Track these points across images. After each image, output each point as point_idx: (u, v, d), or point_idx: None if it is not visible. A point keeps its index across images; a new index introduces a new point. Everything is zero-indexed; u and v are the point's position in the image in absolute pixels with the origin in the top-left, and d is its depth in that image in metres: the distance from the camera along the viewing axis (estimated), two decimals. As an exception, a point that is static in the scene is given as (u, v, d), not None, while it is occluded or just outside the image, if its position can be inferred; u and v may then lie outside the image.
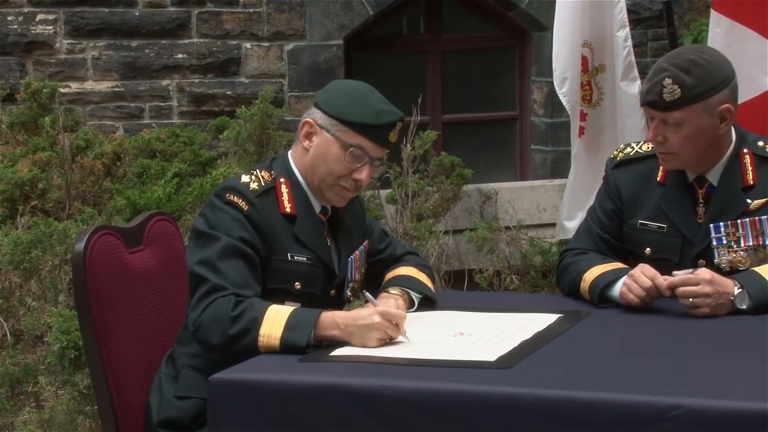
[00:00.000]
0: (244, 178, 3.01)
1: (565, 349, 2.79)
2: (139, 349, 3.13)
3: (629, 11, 5.68)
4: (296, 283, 2.98)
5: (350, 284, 3.13)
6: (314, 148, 3.02)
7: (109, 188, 5.58)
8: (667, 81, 3.12)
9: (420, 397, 2.54)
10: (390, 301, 3.02)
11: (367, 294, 2.96)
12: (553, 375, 2.60)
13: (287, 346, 2.77)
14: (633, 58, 5.14)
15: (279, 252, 2.97)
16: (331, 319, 2.80)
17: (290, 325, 2.78)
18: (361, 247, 3.18)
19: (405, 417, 2.54)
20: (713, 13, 4.79)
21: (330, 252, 3.07)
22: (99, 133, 6.21)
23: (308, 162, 3.03)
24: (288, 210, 3.00)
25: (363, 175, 2.99)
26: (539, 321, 2.97)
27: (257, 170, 3.04)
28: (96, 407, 3.13)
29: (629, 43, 5.12)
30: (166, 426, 3.03)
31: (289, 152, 3.09)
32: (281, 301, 2.91)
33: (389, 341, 2.80)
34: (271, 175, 3.03)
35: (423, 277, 3.21)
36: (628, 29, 5.13)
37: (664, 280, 3.05)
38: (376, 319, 2.76)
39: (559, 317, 3.02)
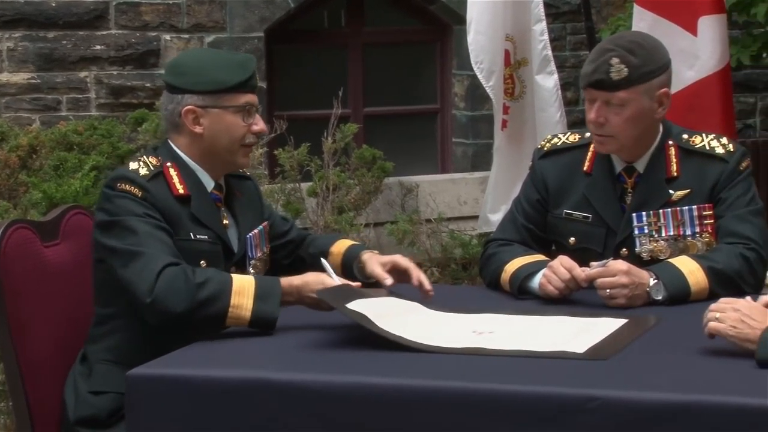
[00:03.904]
0: (132, 165, 3.02)
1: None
2: (55, 345, 3.08)
3: (548, 5, 5.72)
4: (201, 262, 2.98)
5: (251, 262, 3.13)
6: (208, 129, 3.04)
7: (25, 181, 5.49)
8: (615, 60, 3.16)
9: (350, 392, 2.52)
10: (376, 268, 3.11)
11: (325, 262, 3.01)
12: (480, 367, 2.61)
13: (258, 318, 2.83)
14: (549, 52, 5.17)
15: (180, 233, 2.98)
16: (288, 285, 2.89)
17: (258, 294, 2.85)
18: (260, 226, 3.19)
19: (332, 413, 2.52)
20: (636, 8, 4.83)
21: (227, 230, 3.09)
22: (14, 125, 6.11)
23: (206, 144, 3.05)
24: (181, 191, 3.01)
25: (260, 124, 3.08)
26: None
27: (143, 157, 3.05)
28: (11, 404, 3.07)
29: (545, 37, 5.15)
30: (84, 424, 2.99)
31: (170, 141, 3.10)
32: None
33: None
34: (158, 160, 3.04)
35: None
36: (544, 23, 5.16)
37: (582, 272, 3.08)
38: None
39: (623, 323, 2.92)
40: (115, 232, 2.94)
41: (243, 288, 2.86)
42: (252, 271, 3.13)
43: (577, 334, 2.78)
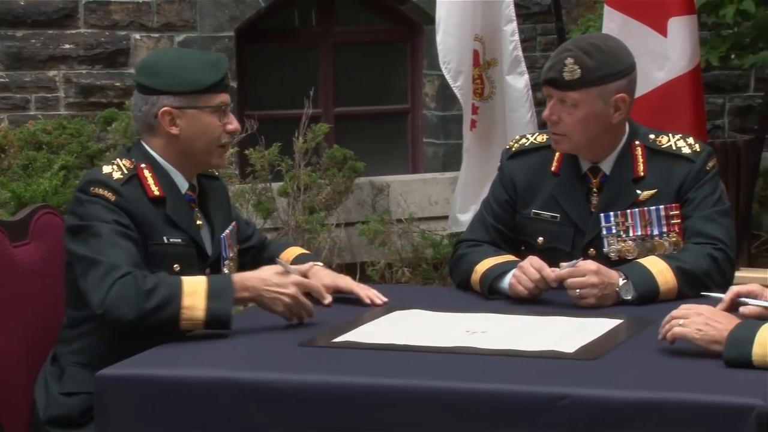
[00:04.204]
0: (106, 169, 3.00)
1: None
2: (26, 345, 3.06)
3: (518, 6, 5.73)
4: (174, 266, 2.98)
5: (226, 262, 3.13)
6: (185, 130, 3.03)
7: (-7, 181, 5.46)
8: (569, 60, 3.17)
9: (316, 391, 2.53)
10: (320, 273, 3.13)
11: (280, 260, 3.00)
12: (462, 366, 2.61)
13: (213, 317, 2.81)
14: (520, 53, 5.18)
15: (154, 236, 2.98)
16: (241, 282, 2.88)
17: (211, 294, 2.83)
18: (231, 226, 3.19)
19: (302, 412, 2.52)
20: (607, 9, 4.85)
21: (200, 232, 3.08)
22: (-17, 124, 6.07)
23: (182, 145, 3.03)
24: (156, 193, 3.01)
25: (234, 123, 3.07)
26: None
27: (117, 160, 3.04)
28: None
29: (516, 37, 5.16)
30: (55, 423, 2.98)
31: (143, 143, 3.08)
32: None
33: (296, 321, 2.89)
34: (132, 162, 3.03)
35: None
36: (515, 24, 5.18)
37: (551, 272, 3.09)
38: (291, 290, 2.86)
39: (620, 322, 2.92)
40: (82, 237, 2.93)
41: (194, 289, 2.85)
42: (226, 271, 3.12)
43: (571, 334, 2.80)
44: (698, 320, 2.62)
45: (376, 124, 7.46)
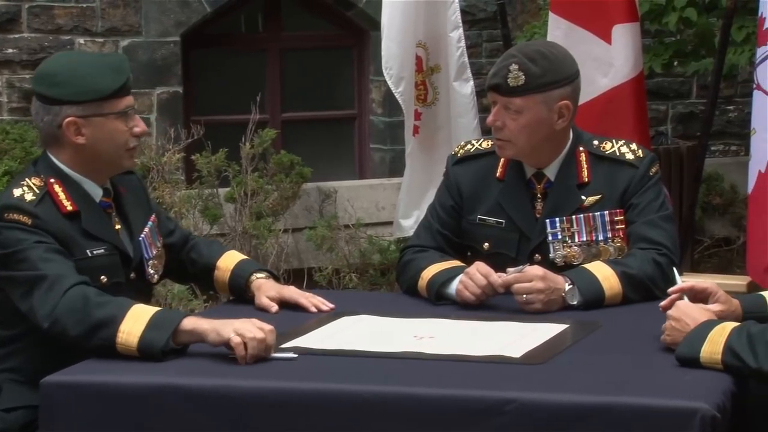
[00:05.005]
0: (16, 192, 2.93)
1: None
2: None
3: (464, 12, 5.76)
4: (102, 277, 2.94)
5: (149, 262, 3.09)
6: (90, 138, 2.97)
7: (-65, 187, 5.39)
8: (514, 67, 3.19)
9: (262, 397, 2.53)
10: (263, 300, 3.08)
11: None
12: (409, 371, 2.62)
13: (145, 346, 2.71)
14: (466, 59, 5.21)
15: (76, 252, 2.93)
16: (194, 322, 2.75)
17: (152, 324, 2.73)
18: (150, 222, 3.14)
19: (247, 418, 2.52)
20: (551, 16, 4.88)
21: (120, 236, 3.04)
22: (-76, 129, 5.99)
23: (89, 154, 2.98)
24: (69, 208, 2.95)
25: (141, 125, 3.03)
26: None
27: (26, 180, 2.96)
28: None
29: (462, 44, 5.19)
30: (-6, 440, 2.94)
31: (49, 155, 3.02)
32: None
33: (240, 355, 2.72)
34: (41, 179, 2.97)
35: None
36: (461, 30, 5.20)
37: (498, 278, 3.11)
38: (236, 339, 2.69)
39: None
40: (11, 265, 2.87)
41: (138, 315, 2.77)
42: (152, 271, 3.09)
43: (518, 339, 2.81)
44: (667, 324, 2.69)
45: (323, 129, 7.47)
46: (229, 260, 3.25)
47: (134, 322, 2.74)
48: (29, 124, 6.21)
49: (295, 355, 2.70)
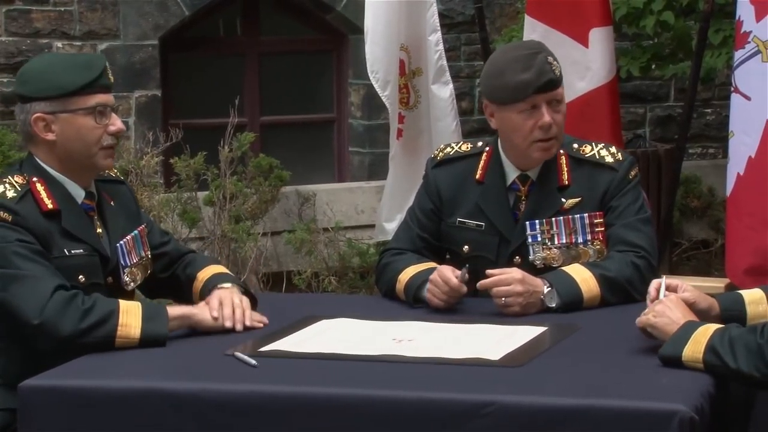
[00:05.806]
0: None
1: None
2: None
3: (442, 16, 5.76)
4: (80, 277, 2.96)
5: (126, 269, 3.09)
6: (60, 135, 2.98)
7: None
8: (550, 59, 3.23)
9: (242, 400, 2.53)
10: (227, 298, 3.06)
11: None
12: (388, 374, 2.62)
13: (148, 336, 2.84)
14: (445, 62, 5.21)
15: (55, 250, 2.94)
16: (178, 309, 2.94)
17: (146, 316, 2.86)
18: (135, 231, 3.15)
19: (227, 421, 2.52)
20: (528, 19, 4.89)
21: (100, 239, 3.05)
22: None
23: (61, 151, 2.99)
24: (50, 206, 2.97)
25: (117, 123, 3.03)
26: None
27: (8, 177, 2.99)
28: None
29: (441, 47, 5.19)
30: (-25, 442, 2.93)
31: (32, 155, 3.04)
32: None
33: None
34: (24, 177, 2.99)
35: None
36: (439, 33, 5.20)
37: (456, 280, 3.11)
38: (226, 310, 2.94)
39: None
40: None
41: (129, 309, 2.88)
42: (127, 278, 3.09)
43: (497, 341, 2.82)
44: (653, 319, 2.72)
45: (302, 133, 7.46)
46: (207, 272, 3.24)
47: (129, 316, 2.85)
48: (7, 128, 6.19)
49: (256, 363, 2.69)
